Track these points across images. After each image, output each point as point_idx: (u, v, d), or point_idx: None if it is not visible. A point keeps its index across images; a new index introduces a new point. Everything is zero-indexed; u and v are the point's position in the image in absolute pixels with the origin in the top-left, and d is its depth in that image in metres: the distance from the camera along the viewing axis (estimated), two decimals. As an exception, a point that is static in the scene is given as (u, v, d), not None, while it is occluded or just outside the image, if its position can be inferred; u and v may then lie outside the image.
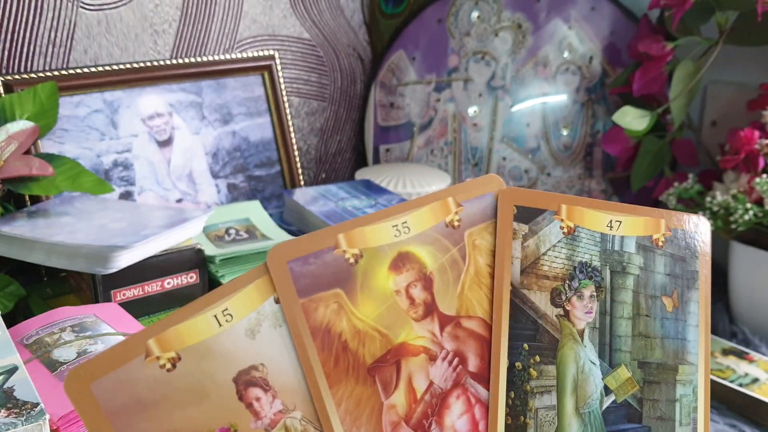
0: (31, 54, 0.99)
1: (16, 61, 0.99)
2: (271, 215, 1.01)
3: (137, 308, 0.81)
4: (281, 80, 1.16)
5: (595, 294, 0.49)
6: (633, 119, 1.11)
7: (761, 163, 0.99)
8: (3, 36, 0.97)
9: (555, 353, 0.48)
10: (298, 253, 0.43)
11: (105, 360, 0.41)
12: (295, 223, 1.02)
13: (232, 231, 0.95)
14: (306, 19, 1.24)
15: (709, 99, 1.22)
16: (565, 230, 0.49)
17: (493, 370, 0.46)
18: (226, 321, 0.43)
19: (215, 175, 1.10)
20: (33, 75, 0.96)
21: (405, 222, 0.45)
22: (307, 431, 0.44)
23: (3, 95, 0.92)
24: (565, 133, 1.27)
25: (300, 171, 1.17)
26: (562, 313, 0.49)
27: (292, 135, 1.17)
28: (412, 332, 0.45)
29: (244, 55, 1.14)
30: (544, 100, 1.26)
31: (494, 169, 1.27)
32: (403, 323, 0.44)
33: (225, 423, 0.43)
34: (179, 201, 1.06)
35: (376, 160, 1.29)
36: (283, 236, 0.94)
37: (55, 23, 1.00)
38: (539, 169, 1.27)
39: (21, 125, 0.88)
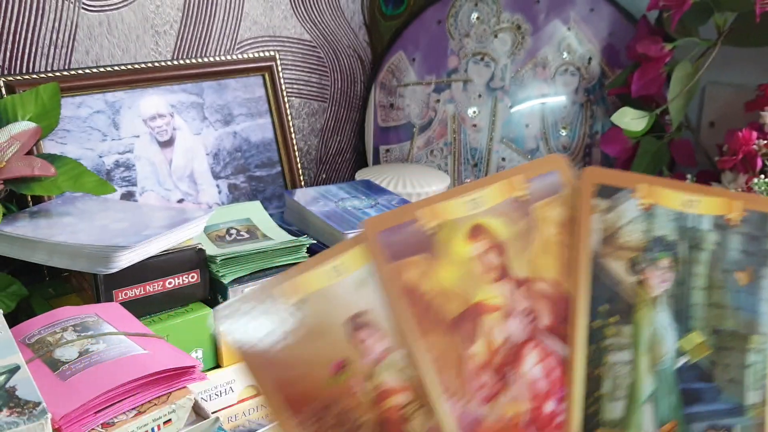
0: (33, 55, 1.00)
1: (18, 62, 0.99)
2: (271, 215, 1.02)
3: (139, 308, 0.81)
4: (282, 81, 1.16)
5: (670, 265, 0.53)
6: (631, 120, 1.11)
7: (759, 163, 1.00)
8: (5, 37, 0.97)
9: (631, 316, 0.52)
10: (386, 225, 0.50)
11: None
12: (295, 223, 1.02)
13: (233, 231, 0.95)
14: (306, 20, 1.24)
15: (707, 100, 1.23)
16: (644, 206, 0.53)
17: (574, 326, 0.51)
18: (340, 273, 0.50)
19: (216, 176, 1.10)
20: (35, 76, 0.96)
21: (477, 197, 0.52)
22: (408, 366, 0.50)
23: (5, 96, 0.92)
24: (564, 133, 1.27)
25: (300, 171, 1.17)
26: (638, 280, 0.53)
27: (293, 135, 1.17)
28: (489, 293, 0.51)
29: (245, 56, 1.14)
30: (543, 101, 1.26)
31: (494, 170, 1.27)
32: (480, 285, 0.50)
33: (341, 356, 0.50)
34: (180, 201, 1.06)
35: (376, 161, 1.29)
36: (283, 236, 0.94)
37: (56, 24, 1.00)
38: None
39: (23, 126, 0.88)
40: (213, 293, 0.88)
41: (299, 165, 1.17)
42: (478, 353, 0.50)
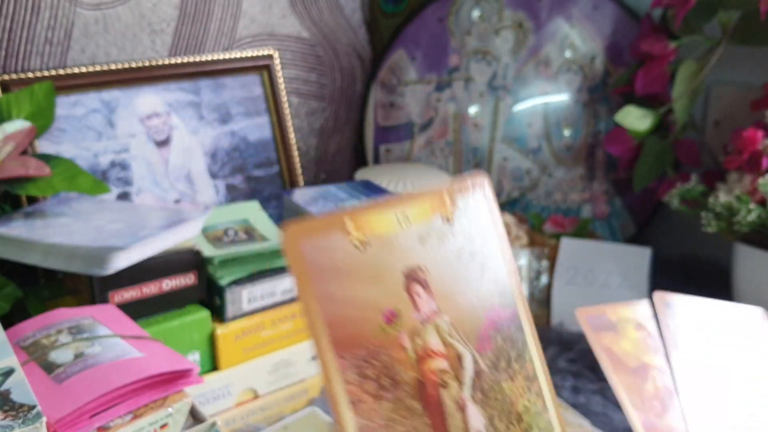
0: (28, 53, 0.99)
1: (13, 60, 0.98)
2: (270, 216, 1.01)
3: (135, 310, 0.81)
4: (280, 80, 1.16)
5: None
6: (635, 119, 1.11)
7: (765, 163, 0.99)
8: (0, 35, 0.97)
9: None
10: (591, 313, 0.74)
11: (314, 225, 0.50)
12: (294, 223, 1.02)
13: (231, 232, 0.95)
14: (305, 18, 1.24)
15: (712, 99, 1.22)
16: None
17: None
18: (404, 223, 0.53)
19: (214, 176, 1.09)
20: (30, 74, 0.96)
21: (637, 309, 0.80)
22: (451, 335, 0.54)
23: (0, 95, 0.92)
24: (567, 133, 1.26)
25: (299, 171, 1.17)
26: None
27: (292, 135, 1.17)
28: (652, 359, 0.75)
29: (243, 54, 1.14)
30: (545, 100, 1.25)
31: (495, 170, 1.27)
32: (646, 353, 0.75)
33: (392, 306, 0.51)
34: (177, 201, 1.06)
35: (376, 161, 1.29)
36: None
37: (52, 22, 0.99)
38: (541, 170, 1.27)
39: (18, 125, 0.88)
40: (210, 295, 0.87)
41: (298, 165, 1.17)
42: (649, 389, 0.72)
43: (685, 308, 0.82)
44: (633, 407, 0.70)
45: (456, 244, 0.57)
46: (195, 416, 0.67)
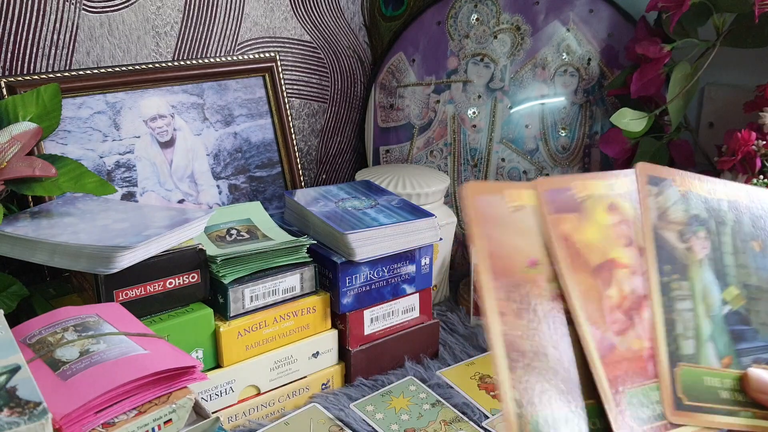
0: (33, 56, 1.00)
1: (19, 62, 0.99)
2: (272, 216, 1.02)
3: (139, 308, 0.81)
4: (282, 82, 1.16)
5: (706, 236, 0.67)
6: (631, 121, 1.11)
7: (758, 164, 1.00)
8: (6, 38, 0.97)
9: (686, 273, 0.65)
10: (552, 186, 0.63)
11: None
12: (295, 223, 1.03)
13: (234, 231, 0.96)
14: (307, 21, 1.25)
15: (706, 101, 1.23)
16: (681, 192, 0.67)
17: (650, 281, 0.64)
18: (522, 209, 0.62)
19: (217, 176, 1.10)
20: (36, 77, 0.96)
21: (614, 183, 0.65)
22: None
23: (6, 97, 0.92)
24: (563, 134, 1.27)
25: (300, 172, 1.17)
26: (686, 247, 0.66)
27: (293, 136, 1.17)
28: (620, 253, 0.63)
29: (246, 57, 1.14)
30: (542, 102, 1.26)
31: (493, 170, 1.28)
32: (614, 247, 0.63)
33: (536, 256, 0.60)
34: (181, 202, 1.07)
35: (376, 161, 1.29)
36: (283, 236, 0.95)
37: (57, 25, 1.00)
38: (538, 170, 1.28)
39: (24, 126, 0.88)
40: (213, 293, 0.88)
41: (299, 165, 1.17)
42: (613, 296, 0.61)
43: (680, 186, 0.69)
44: (588, 321, 0.60)
45: None
46: (198, 412, 0.68)
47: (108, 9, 1.04)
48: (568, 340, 0.61)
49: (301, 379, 0.94)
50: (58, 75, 0.98)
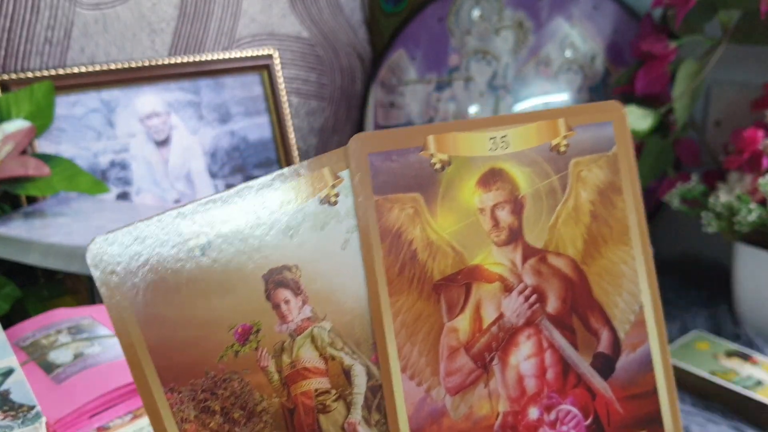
0: (27, 53, 0.99)
1: (13, 60, 0.98)
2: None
3: (135, 310, 0.80)
4: (280, 79, 1.16)
5: None
6: (636, 119, 1.10)
7: (765, 163, 0.99)
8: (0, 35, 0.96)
9: None
10: (382, 147, 0.41)
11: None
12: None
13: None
14: (305, 17, 1.24)
15: (712, 99, 1.22)
16: None
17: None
18: (263, 213, 0.41)
19: (213, 175, 1.09)
20: (29, 74, 0.96)
21: (505, 136, 0.42)
22: (334, 344, 0.42)
23: (-1, 94, 0.92)
24: (567, 132, 1.26)
25: (299, 171, 1.16)
26: None
27: (291, 135, 1.17)
28: (491, 257, 0.41)
29: (243, 54, 1.14)
30: (545, 100, 1.25)
31: (495, 170, 1.27)
32: (482, 245, 0.41)
33: (250, 320, 0.41)
34: (177, 201, 1.06)
35: (376, 161, 1.28)
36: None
37: (51, 22, 0.99)
38: (541, 170, 1.27)
39: (17, 125, 0.88)
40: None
41: (298, 165, 1.17)
42: (461, 329, 0.41)
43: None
44: (404, 369, 0.40)
45: None
46: (195, 416, 0.67)
47: (103, 5, 1.03)
48: None
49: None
50: (52, 72, 0.97)
